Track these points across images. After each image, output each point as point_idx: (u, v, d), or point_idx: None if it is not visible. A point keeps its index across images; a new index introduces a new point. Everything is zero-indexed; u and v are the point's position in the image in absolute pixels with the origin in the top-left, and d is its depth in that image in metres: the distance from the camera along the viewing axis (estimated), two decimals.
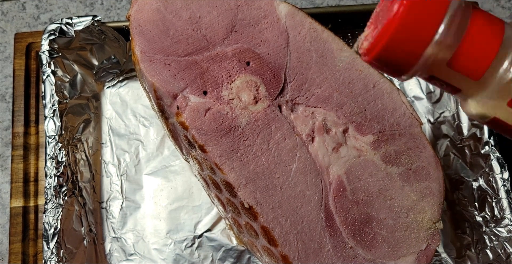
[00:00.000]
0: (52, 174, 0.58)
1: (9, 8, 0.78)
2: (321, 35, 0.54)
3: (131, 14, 0.53)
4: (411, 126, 0.54)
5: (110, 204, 0.66)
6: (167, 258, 0.63)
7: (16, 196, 0.65)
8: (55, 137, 0.60)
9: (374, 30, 0.34)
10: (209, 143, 0.49)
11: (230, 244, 0.64)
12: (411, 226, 0.51)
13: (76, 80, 0.67)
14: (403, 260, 0.50)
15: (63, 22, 0.63)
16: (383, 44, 0.32)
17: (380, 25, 0.33)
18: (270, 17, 0.54)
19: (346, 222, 0.50)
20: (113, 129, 0.69)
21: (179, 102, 0.50)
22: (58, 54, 0.64)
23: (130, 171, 0.67)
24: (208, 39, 0.52)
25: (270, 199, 0.49)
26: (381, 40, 0.32)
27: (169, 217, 0.65)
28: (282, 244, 0.48)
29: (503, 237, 0.57)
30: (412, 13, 0.31)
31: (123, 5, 0.79)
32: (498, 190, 0.58)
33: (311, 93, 0.53)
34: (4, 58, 0.75)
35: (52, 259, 0.55)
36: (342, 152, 0.52)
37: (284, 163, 0.50)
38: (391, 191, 0.51)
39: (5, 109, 0.72)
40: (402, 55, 0.32)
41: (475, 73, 0.32)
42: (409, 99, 0.72)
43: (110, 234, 0.64)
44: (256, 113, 0.51)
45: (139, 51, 0.52)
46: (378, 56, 0.33)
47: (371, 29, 0.35)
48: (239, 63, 0.52)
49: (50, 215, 0.57)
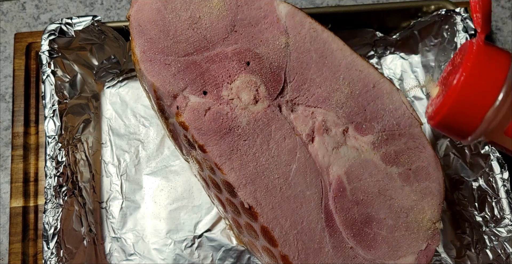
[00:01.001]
0: (52, 174, 0.58)
1: (9, 8, 0.78)
2: (321, 35, 0.54)
3: (131, 14, 0.53)
4: (411, 126, 0.54)
5: (110, 204, 0.66)
6: (167, 258, 0.63)
7: (16, 196, 0.65)
8: (55, 137, 0.60)
9: (437, 97, 0.38)
10: (209, 143, 0.49)
11: (230, 244, 0.64)
12: (411, 226, 0.51)
13: (76, 80, 0.67)
14: (403, 260, 0.50)
15: (63, 22, 0.63)
16: (444, 112, 0.36)
17: (443, 94, 0.36)
18: (270, 17, 0.54)
19: (346, 222, 0.50)
20: (113, 130, 0.69)
21: (179, 102, 0.50)
22: (58, 54, 0.64)
23: (130, 171, 0.67)
24: (208, 39, 0.52)
25: (270, 199, 0.49)
26: (442, 109, 0.35)
27: (169, 217, 0.65)
28: (282, 244, 0.48)
29: (503, 237, 0.57)
30: (470, 86, 0.34)
31: (123, 5, 0.79)
32: (498, 190, 0.58)
33: (311, 93, 0.53)
34: (4, 58, 0.75)
35: (52, 259, 0.55)
36: (342, 152, 0.52)
37: (284, 163, 0.50)
38: (391, 191, 0.51)
39: (5, 109, 0.72)
40: (462, 123, 0.35)
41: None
42: (409, 99, 0.72)
43: (110, 234, 0.64)
44: (256, 114, 0.51)
45: (139, 51, 0.52)
46: (441, 122, 0.37)
47: (437, 92, 0.38)
48: (239, 63, 0.52)
49: (50, 215, 0.57)
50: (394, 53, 0.73)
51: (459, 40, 0.64)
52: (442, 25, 0.67)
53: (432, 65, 0.71)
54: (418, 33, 0.70)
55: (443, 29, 0.67)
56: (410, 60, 0.73)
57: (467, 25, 0.64)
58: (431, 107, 0.38)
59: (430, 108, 0.38)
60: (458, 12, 0.65)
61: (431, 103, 0.39)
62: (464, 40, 0.64)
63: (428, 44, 0.70)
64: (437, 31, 0.68)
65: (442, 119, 0.36)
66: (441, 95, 0.37)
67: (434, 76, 0.69)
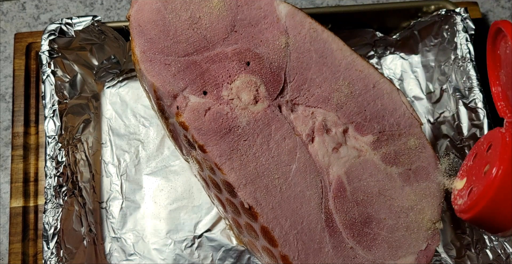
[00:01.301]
0: (52, 174, 0.58)
1: (9, 8, 0.78)
2: (321, 35, 0.54)
3: (131, 14, 0.53)
4: (411, 126, 0.54)
5: (110, 204, 0.66)
6: (167, 258, 0.63)
7: (16, 196, 0.65)
8: (55, 137, 0.60)
9: (468, 188, 0.35)
10: (209, 143, 0.49)
11: (230, 244, 0.64)
12: (411, 226, 0.51)
13: (76, 80, 0.67)
14: (403, 260, 0.50)
15: (63, 22, 0.63)
16: (481, 206, 0.34)
17: (477, 187, 0.34)
18: (270, 17, 0.54)
19: (346, 222, 0.50)
20: (113, 130, 0.69)
21: (179, 103, 0.50)
22: (58, 54, 0.64)
23: (130, 171, 0.67)
24: (208, 39, 0.52)
25: (270, 199, 0.49)
26: (480, 203, 0.33)
27: (169, 217, 0.65)
28: (282, 244, 0.48)
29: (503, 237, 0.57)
30: (508, 180, 0.32)
31: (123, 5, 0.79)
32: None
33: (311, 94, 0.53)
34: (4, 58, 0.75)
35: (52, 259, 0.55)
36: (342, 152, 0.52)
37: (284, 163, 0.50)
38: (391, 191, 0.51)
39: (5, 109, 0.72)
40: (500, 217, 0.34)
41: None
42: (409, 99, 0.72)
43: (110, 234, 0.64)
44: (256, 114, 0.51)
45: (139, 51, 0.52)
46: (477, 216, 0.35)
47: (464, 184, 0.36)
48: (239, 63, 0.52)
49: (50, 215, 0.57)
50: (394, 53, 0.73)
51: (459, 40, 0.64)
52: (442, 25, 0.67)
53: (432, 65, 0.71)
54: (418, 33, 0.70)
55: (443, 29, 0.67)
56: (410, 60, 0.73)
57: (467, 25, 0.64)
58: (461, 199, 0.36)
59: (460, 201, 0.36)
60: (458, 12, 0.65)
61: (459, 195, 0.36)
62: (464, 40, 0.64)
63: (428, 44, 0.70)
64: (437, 31, 0.68)
65: (479, 213, 0.34)
66: (473, 187, 0.35)
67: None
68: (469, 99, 0.62)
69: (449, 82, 0.66)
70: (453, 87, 0.65)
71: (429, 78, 0.71)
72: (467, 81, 0.62)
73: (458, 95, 0.64)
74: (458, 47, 0.64)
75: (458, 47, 0.64)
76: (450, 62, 0.66)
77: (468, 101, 0.62)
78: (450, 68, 0.66)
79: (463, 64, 0.63)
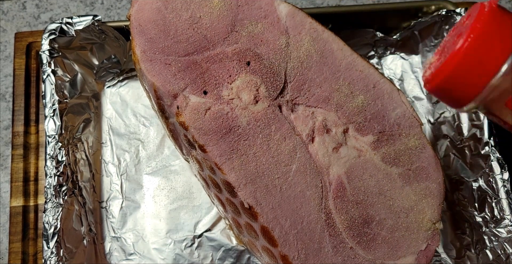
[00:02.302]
0: (52, 173, 0.58)
1: (9, 7, 0.78)
2: (321, 35, 0.54)
3: (131, 13, 0.53)
4: (411, 126, 0.54)
5: (110, 203, 0.66)
6: (166, 257, 0.63)
7: (16, 195, 0.65)
8: (55, 136, 0.60)
9: (438, 60, 0.34)
10: (209, 143, 0.49)
11: (230, 244, 0.64)
12: (411, 226, 0.51)
13: (76, 79, 0.67)
14: (403, 260, 0.50)
15: (64, 22, 0.63)
16: (444, 75, 0.33)
17: (444, 57, 0.33)
18: (270, 17, 0.54)
19: (346, 222, 0.50)
20: (113, 129, 0.69)
21: (179, 102, 0.50)
22: (59, 54, 0.64)
23: (130, 171, 0.67)
24: (208, 39, 0.52)
25: (270, 199, 0.49)
26: (443, 71, 0.33)
27: (169, 217, 0.65)
28: (282, 244, 0.48)
29: (503, 238, 0.57)
30: (476, 50, 0.31)
31: (123, 4, 0.79)
32: (498, 191, 0.58)
33: (311, 94, 0.53)
34: (4, 57, 0.75)
35: (52, 258, 0.55)
36: (342, 152, 0.52)
37: (284, 163, 0.50)
38: (391, 191, 0.51)
39: (5, 109, 0.72)
40: (462, 89, 0.33)
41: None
42: (409, 99, 0.72)
43: (110, 233, 0.64)
44: (256, 113, 0.51)
45: (139, 51, 0.52)
46: (439, 86, 0.34)
47: (435, 58, 0.35)
48: (239, 63, 0.52)
49: (50, 215, 0.57)
50: (395, 53, 0.73)
51: None
52: (442, 25, 0.67)
53: None
54: (418, 34, 0.70)
55: (444, 30, 0.67)
56: (410, 61, 0.73)
57: None
58: (430, 70, 0.35)
59: (428, 72, 0.35)
60: (459, 12, 0.65)
61: (430, 67, 0.35)
62: None
63: (428, 45, 0.70)
64: (437, 31, 0.68)
65: (442, 83, 0.33)
66: (442, 58, 0.33)
67: None
68: None
69: None
70: None
71: None
72: None
73: None
74: None
75: None
76: None
77: None
78: None
79: None
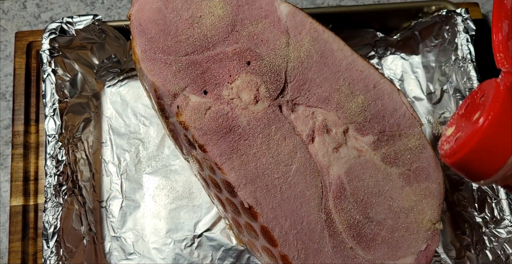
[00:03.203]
0: (52, 172, 0.58)
1: (10, 6, 0.78)
2: (321, 35, 0.54)
3: (132, 13, 0.53)
4: (411, 126, 0.54)
5: (110, 203, 0.66)
6: (166, 257, 0.63)
7: (16, 194, 0.65)
8: (55, 135, 0.60)
9: (456, 134, 0.36)
10: (209, 143, 0.49)
11: (229, 244, 0.64)
12: (411, 226, 0.51)
13: (76, 79, 0.67)
14: (402, 261, 0.50)
15: (64, 21, 0.63)
16: (465, 152, 0.34)
17: (464, 133, 0.34)
18: (270, 17, 0.54)
19: (346, 222, 0.50)
20: (113, 129, 0.69)
21: (179, 102, 0.50)
22: (59, 53, 0.64)
23: (130, 170, 0.67)
24: (208, 39, 0.52)
25: (270, 199, 0.49)
26: (464, 148, 0.34)
27: (169, 217, 0.65)
28: (282, 244, 0.48)
29: (503, 238, 0.57)
30: (496, 128, 0.32)
31: (123, 4, 0.79)
32: (498, 191, 0.58)
33: (311, 94, 0.53)
34: (4, 56, 0.75)
35: (52, 258, 0.55)
36: (342, 152, 0.52)
37: (284, 163, 0.50)
38: (391, 191, 0.51)
39: (5, 108, 0.72)
40: (481, 165, 0.34)
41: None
42: (410, 100, 0.72)
43: (110, 233, 0.64)
44: (257, 113, 0.51)
45: (139, 50, 0.52)
46: (459, 162, 0.35)
47: (452, 131, 0.36)
48: (239, 63, 0.52)
49: (50, 214, 0.57)
50: (395, 53, 0.73)
51: (460, 41, 0.64)
52: (443, 25, 0.67)
53: (432, 65, 0.71)
54: (418, 34, 0.70)
55: (444, 30, 0.67)
56: (410, 61, 0.73)
57: (467, 26, 0.64)
58: (448, 144, 0.36)
59: (446, 146, 0.36)
60: (459, 13, 0.65)
61: (447, 140, 0.37)
62: (464, 41, 0.64)
63: (428, 45, 0.70)
64: (437, 31, 0.68)
65: (462, 159, 0.34)
66: (461, 133, 0.35)
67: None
68: None
69: (450, 83, 0.66)
70: (454, 88, 0.65)
71: (429, 79, 0.71)
72: (467, 82, 0.62)
73: (458, 96, 0.64)
74: (459, 47, 0.64)
75: (458, 47, 0.64)
76: (451, 63, 0.66)
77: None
78: (451, 69, 0.66)
79: (464, 65, 0.63)
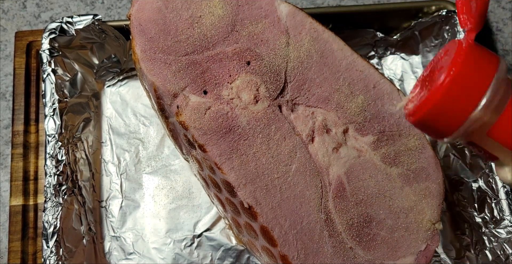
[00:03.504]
0: (51, 172, 0.58)
1: (9, 6, 0.78)
2: (321, 35, 0.54)
3: (131, 13, 0.53)
4: (411, 127, 0.54)
5: (109, 203, 0.66)
6: (166, 257, 0.63)
7: (15, 194, 0.65)
8: (55, 135, 0.60)
9: (419, 93, 0.36)
10: (209, 143, 0.49)
11: (229, 244, 0.64)
12: (411, 226, 0.51)
13: (76, 79, 0.67)
14: (402, 261, 0.50)
15: (64, 21, 0.63)
16: (427, 109, 0.34)
17: (426, 91, 0.35)
18: (270, 17, 0.54)
19: (346, 222, 0.50)
20: (113, 128, 0.69)
21: (179, 102, 0.50)
22: (59, 53, 0.64)
23: (130, 170, 0.67)
24: (208, 39, 0.52)
25: (270, 199, 0.49)
26: (426, 105, 0.34)
27: (169, 216, 0.65)
28: (282, 244, 0.48)
29: (503, 238, 0.57)
30: (457, 85, 0.33)
31: (123, 4, 0.79)
32: (497, 191, 0.58)
33: (311, 93, 0.53)
34: (4, 56, 0.75)
35: (52, 257, 0.55)
36: (342, 152, 0.52)
37: (284, 163, 0.50)
38: (390, 191, 0.51)
39: (5, 108, 0.72)
40: (444, 122, 0.34)
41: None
42: None
43: (110, 233, 0.64)
44: (256, 113, 0.51)
45: (139, 50, 0.52)
46: (421, 119, 0.35)
47: (417, 91, 0.37)
48: (239, 63, 0.52)
49: (50, 214, 0.57)
50: (395, 53, 0.73)
51: None
52: (442, 25, 0.67)
53: None
54: (418, 34, 0.70)
55: (444, 30, 0.67)
56: (410, 61, 0.73)
57: None
58: (412, 103, 0.36)
59: (410, 105, 0.36)
60: None
61: (412, 100, 0.37)
62: None
63: (428, 45, 0.70)
64: (437, 31, 0.68)
65: (424, 116, 0.34)
66: (424, 92, 0.35)
67: None
68: None
69: None
70: None
71: None
72: None
73: None
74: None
75: None
76: None
77: None
78: None
79: None
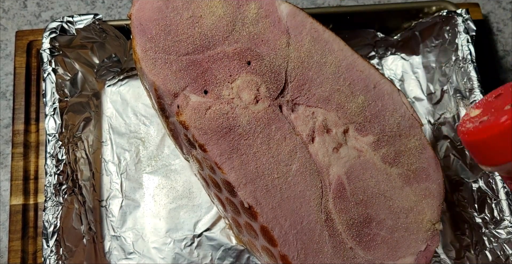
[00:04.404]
0: (52, 172, 0.58)
1: (10, 5, 0.78)
2: (322, 35, 0.54)
3: (132, 12, 0.53)
4: (412, 127, 0.54)
5: (109, 202, 0.66)
6: (166, 257, 0.63)
7: (16, 193, 0.65)
8: (56, 135, 0.60)
9: (481, 117, 0.37)
10: (210, 142, 0.49)
11: (229, 244, 0.64)
12: (411, 227, 0.51)
13: (76, 78, 0.67)
14: (402, 261, 0.50)
15: (64, 20, 0.63)
16: (485, 136, 0.36)
17: (493, 118, 0.36)
18: (271, 17, 0.54)
19: (346, 222, 0.50)
20: (114, 128, 0.69)
21: (179, 101, 0.50)
22: (59, 52, 0.64)
23: (130, 170, 0.67)
24: (209, 39, 0.52)
25: (270, 199, 0.49)
26: (489, 131, 0.35)
27: (169, 216, 0.65)
28: (282, 244, 0.48)
29: (503, 239, 0.57)
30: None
31: (124, 3, 0.79)
32: (497, 192, 0.58)
33: (311, 94, 0.53)
34: (5, 56, 0.75)
35: (52, 257, 0.55)
36: (342, 152, 0.52)
37: (284, 163, 0.50)
38: (391, 191, 0.51)
39: (5, 107, 0.72)
40: (496, 151, 0.36)
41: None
42: (410, 100, 0.72)
43: (110, 232, 0.64)
44: (257, 113, 0.51)
45: (140, 50, 0.52)
46: (480, 142, 0.37)
47: (477, 113, 0.38)
48: (240, 63, 0.52)
49: (50, 213, 0.57)
50: (395, 54, 0.73)
51: (460, 41, 0.64)
52: (443, 26, 0.67)
53: (433, 66, 0.71)
54: (419, 34, 0.70)
55: (444, 30, 0.67)
56: (411, 61, 0.73)
57: (468, 27, 0.64)
58: (471, 124, 0.38)
59: (469, 124, 0.38)
60: (460, 13, 0.65)
61: (471, 120, 0.38)
62: (465, 42, 0.64)
63: (429, 45, 0.70)
64: (438, 32, 0.68)
65: (481, 141, 0.36)
66: (488, 117, 0.36)
67: None
68: (470, 100, 0.62)
69: (450, 83, 0.66)
70: (454, 88, 0.65)
71: (430, 79, 0.71)
72: (468, 83, 0.62)
73: (458, 96, 0.64)
74: (459, 48, 0.64)
75: (459, 48, 0.64)
76: (451, 63, 0.66)
77: (469, 102, 0.62)
78: (451, 69, 0.66)
79: (464, 66, 0.63)
